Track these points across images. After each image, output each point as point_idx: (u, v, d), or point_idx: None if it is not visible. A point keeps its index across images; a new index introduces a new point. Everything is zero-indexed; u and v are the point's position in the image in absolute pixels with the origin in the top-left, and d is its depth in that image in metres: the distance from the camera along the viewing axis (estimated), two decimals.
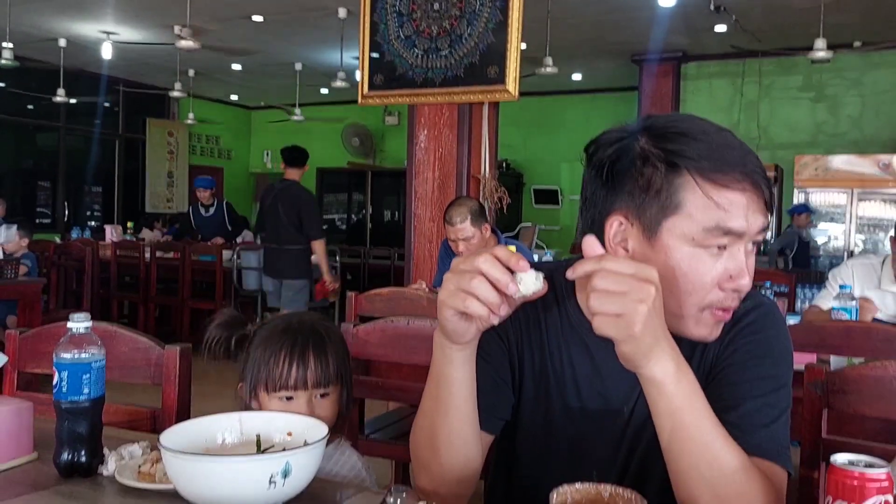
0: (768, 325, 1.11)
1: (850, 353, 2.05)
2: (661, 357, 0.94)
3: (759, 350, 1.08)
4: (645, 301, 0.89)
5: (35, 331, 1.67)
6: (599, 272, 0.90)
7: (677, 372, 0.95)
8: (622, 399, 1.14)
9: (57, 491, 1.17)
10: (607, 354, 1.10)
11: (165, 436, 1.10)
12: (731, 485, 0.96)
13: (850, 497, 0.83)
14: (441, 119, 4.82)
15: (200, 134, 12.81)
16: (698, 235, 1.01)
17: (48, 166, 11.20)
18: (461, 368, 1.05)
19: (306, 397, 1.43)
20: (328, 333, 1.48)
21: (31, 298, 4.91)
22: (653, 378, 0.95)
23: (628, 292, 0.89)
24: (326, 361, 1.44)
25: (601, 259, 0.91)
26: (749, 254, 1.04)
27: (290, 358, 1.42)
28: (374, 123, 12.15)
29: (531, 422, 1.20)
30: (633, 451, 1.15)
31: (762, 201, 1.03)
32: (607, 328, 0.90)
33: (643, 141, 1.05)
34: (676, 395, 0.95)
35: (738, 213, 1.01)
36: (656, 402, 0.97)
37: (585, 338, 1.15)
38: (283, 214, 5.62)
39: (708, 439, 0.96)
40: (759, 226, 1.03)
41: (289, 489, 1.06)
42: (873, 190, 8.19)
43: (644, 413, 1.08)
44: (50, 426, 1.26)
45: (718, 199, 1.00)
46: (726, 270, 1.03)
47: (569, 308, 1.17)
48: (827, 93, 8.88)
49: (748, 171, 1.01)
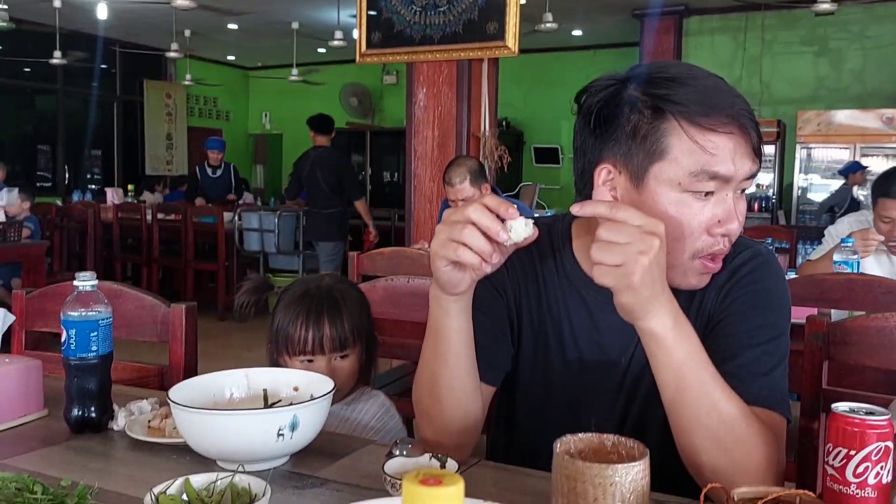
0: (766, 275, 1.11)
1: (851, 307, 2.06)
2: (659, 311, 0.95)
3: (756, 300, 1.09)
4: (647, 253, 0.89)
5: (41, 290, 1.69)
6: (606, 223, 0.90)
7: (675, 326, 0.96)
8: (620, 350, 1.16)
9: (69, 446, 1.19)
10: (604, 306, 1.11)
11: (174, 391, 1.11)
12: (731, 433, 0.98)
13: (851, 444, 0.84)
14: (440, 77, 4.78)
15: (198, 95, 12.72)
16: (685, 180, 1.01)
17: (47, 130, 11.14)
18: (457, 319, 1.06)
19: (325, 360, 1.49)
20: (343, 297, 1.53)
21: (35, 261, 4.93)
22: (651, 331, 0.96)
23: (631, 243, 0.89)
24: (342, 325, 1.49)
25: (612, 206, 0.91)
26: (738, 198, 1.04)
27: (307, 324, 1.48)
28: (373, 83, 12.05)
29: (530, 374, 1.22)
30: (632, 401, 1.17)
31: (750, 146, 1.02)
32: (606, 277, 0.91)
33: (631, 88, 1.04)
34: (675, 349, 0.96)
35: (725, 157, 1.00)
36: (655, 354, 0.98)
37: (581, 290, 1.16)
38: (321, 180, 5.88)
39: (707, 389, 0.98)
40: (747, 171, 1.02)
41: (297, 442, 1.08)
42: (876, 145, 8.14)
43: (642, 363, 1.09)
44: (59, 384, 1.27)
45: (704, 143, 1.00)
46: (714, 216, 1.03)
47: (564, 261, 1.18)
48: (830, 47, 8.79)
49: (735, 113, 1.00)
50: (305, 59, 11.17)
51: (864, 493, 0.84)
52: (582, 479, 0.82)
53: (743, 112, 1.01)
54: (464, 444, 1.16)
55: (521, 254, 1.12)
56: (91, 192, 9.50)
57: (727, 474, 0.96)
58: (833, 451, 0.86)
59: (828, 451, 0.87)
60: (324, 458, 1.16)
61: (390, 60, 4.88)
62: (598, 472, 0.82)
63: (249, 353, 5.54)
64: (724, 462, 0.98)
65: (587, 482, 0.82)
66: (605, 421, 1.16)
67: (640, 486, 0.83)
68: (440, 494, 0.43)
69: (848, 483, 0.84)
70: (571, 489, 0.83)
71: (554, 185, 10.12)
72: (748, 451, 0.98)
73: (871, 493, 0.84)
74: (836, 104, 8.54)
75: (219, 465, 1.08)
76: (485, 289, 1.14)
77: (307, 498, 1.02)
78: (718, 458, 0.98)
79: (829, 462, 0.86)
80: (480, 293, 1.09)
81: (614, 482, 0.82)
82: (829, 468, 0.86)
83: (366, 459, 1.16)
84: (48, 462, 1.12)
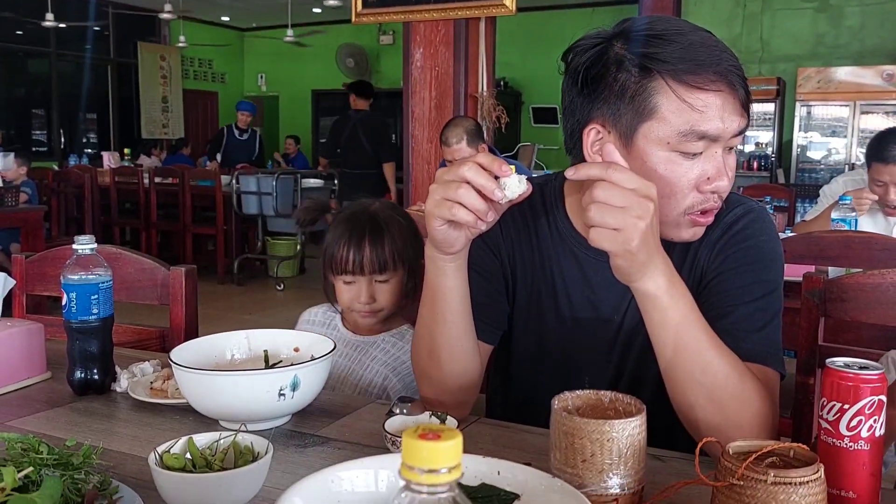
0: (758, 231, 1.12)
1: (849, 264, 2.07)
2: (653, 272, 0.95)
3: (749, 256, 1.09)
4: (644, 218, 0.89)
5: (41, 254, 1.69)
6: (601, 184, 0.89)
7: (670, 286, 0.96)
8: (613, 307, 1.17)
9: (73, 408, 1.21)
10: (597, 265, 1.13)
11: (176, 353, 1.12)
12: (726, 389, 0.99)
13: (845, 398, 0.85)
14: (437, 36, 4.74)
15: (193, 58, 12.60)
16: (673, 140, 1.01)
17: (41, 94, 11.06)
18: (453, 278, 1.07)
19: (366, 282, 1.53)
20: (388, 222, 1.55)
21: (34, 226, 4.93)
22: (646, 292, 0.96)
23: (628, 207, 0.89)
24: (382, 249, 1.52)
25: (607, 167, 0.90)
26: (727, 154, 1.04)
27: (349, 244, 1.52)
28: (369, 43, 11.94)
29: (525, 331, 1.23)
30: (626, 357, 1.18)
31: (738, 102, 1.01)
32: (603, 241, 0.91)
33: (618, 46, 1.04)
34: (670, 308, 0.97)
35: (713, 115, 1.00)
36: (650, 314, 0.98)
37: (574, 248, 1.17)
38: (365, 142, 5.98)
39: (702, 347, 0.98)
40: (736, 127, 1.02)
41: (298, 401, 1.09)
42: (876, 102, 8.10)
43: (635, 320, 1.11)
44: (62, 347, 1.29)
45: (692, 101, 0.99)
46: (703, 172, 1.02)
47: (557, 219, 1.18)
48: (830, 2, 8.69)
49: (722, 70, 0.99)
50: (301, 19, 11.05)
51: (858, 446, 0.85)
52: (580, 434, 0.84)
53: (731, 68, 1.00)
54: (463, 401, 1.17)
55: (515, 212, 1.12)
56: (87, 157, 9.46)
57: (722, 429, 0.97)
58: (827, 405, 0.87)
59: (822, 406, 0.88)
60: (325, 417, 1.17)
61: (386, 20, 4.83)
62: (595, 427, 0.83)
63: (249, 316, 5.57)
64: (719, 418, 0.99)
65: (584, 437, 0.84)
66: (599, 377, 1.18)
67: (636, 441, 0.84)
68: (439, 448, 0.44)
69: (841, 436, 0.85)
70: (569, 445, 0.84)
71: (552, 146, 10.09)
72: (742, 406, 0.99)
73: (864, 445, 0.85)
74: (836, 61, 8.48)
75: (221, 425, 1.09)
76: (479, 248, 1.15)
77: (309, 456, 1.03)
78: (714, 415, 0.99)
79: (823, 416, 0.87)
80: (475, 252, 1.10)
81: (611, 437, 0.83)
82: (823, 422, 0.87)
83: (366, 418, 1.17)
84: (53, 423, 1.14)
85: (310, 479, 0.72)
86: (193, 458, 0.87)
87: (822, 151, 8.49)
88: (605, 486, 0.84)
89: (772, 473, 0.75)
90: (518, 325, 1.23)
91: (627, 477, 0.84)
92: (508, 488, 0.76)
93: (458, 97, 4.74)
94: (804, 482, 0.75)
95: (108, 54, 11.65)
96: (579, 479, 0.84)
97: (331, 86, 11.80)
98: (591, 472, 0.84)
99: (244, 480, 0.84)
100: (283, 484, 0.72)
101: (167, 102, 12.09)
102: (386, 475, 0.74)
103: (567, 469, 0.85)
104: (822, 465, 0.78)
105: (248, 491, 0.85)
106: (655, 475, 0.96)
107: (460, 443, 0.46)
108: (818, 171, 8.39)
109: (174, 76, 12.17)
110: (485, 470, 0.77)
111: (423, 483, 0.45)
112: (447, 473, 0.45)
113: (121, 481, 0.85)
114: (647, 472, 0.88)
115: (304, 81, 12.76)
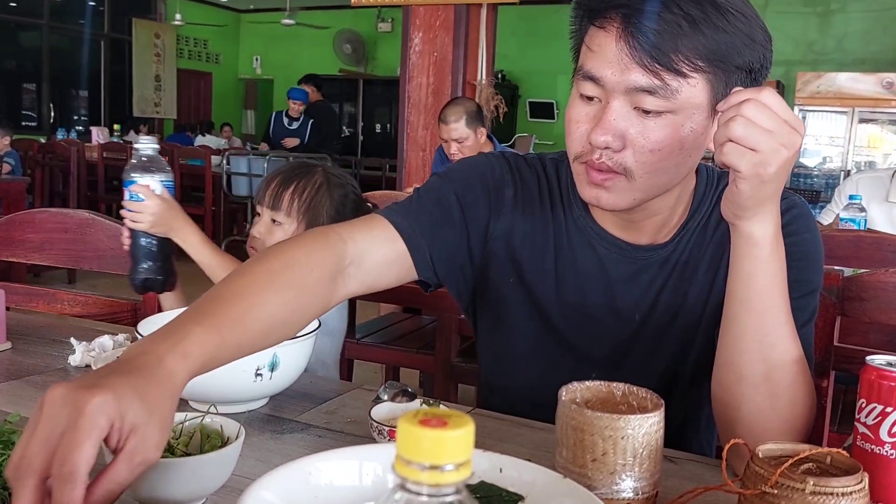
0: (802, 228, 1.03)
1: (859, 265, 1.98)
2: (766, 217, 0.87)
3: (794, 253, 0.99)
4: (788, 148, 0.81)
5: (7, 218, 1.58)
6: (752, 102, 0.81)
7: (775, 239, 0.89)
8: (633, 304, 1.08)
9: (30, 381, 1.11)
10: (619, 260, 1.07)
11: (144, 325, 1.03)
12: (785, 373, 0.91)
13: (888, 400, 0.76)
14: (437, 21, 4.64)
15: (188, 37, 12.43)
16: (576, 79, 0.95)
17: (32, 67, 10.87)
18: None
19: (267, 216, 1.59)
20: (312, 176, 1.61)
21: (15, 197, 4.80)
22: (751, 235, 0.88)
23: (776, 132, 0.81)
24: (286, 189, 1.58)
25: (761, 90, 0.82)
26: (634, 113, 0.90)
27: (269, 180, 1.61)
28: (367, 30, 11.81)
29: (528, 319, 1.13)
30: (641, 356, 1.09)
31: (641, 53, 0.87)
32: (738, 158, 0.82)
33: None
34: (766, 262, 0.89)
35: (602, 60, 0.90)
36: (741, 264, 0.90)
37: (593, 241, 1.08)
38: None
39: (780, 319, 0.90)
40: (629, 80, 0.88)
41: (276, 383, 1.00)
42: (874, 109, 8.03)
43: (662, 321, 1.06)
44: (26, 317, 1.20)
45: (589, 42, 0.93)
46: (593, 120, 0.93)
47: (574, 211, 1.10)
48: (833, 8, 8.64)
49: (629, 12, 0.88)
50: (299, 2, 10.90)
51: None
52: (590, 430, 0.74)
53: (641, 11, 0.88)
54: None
55: (534, 194, 1.09)
56: (77, 132, 9.30)
57: (766, 418, 0.90)
58: (866, 407, 0.78)
59: (859, 408, 0.79)
60: (306, 401, 1.08)
61: (386, 3, 4.72)
62: (608, 423, 0.74)
63: None
64: (767, 403, 0.91)
65: (596, 434, 0.74)
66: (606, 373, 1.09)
67: (653, 439, 0.75)
68: (445, 438, 0.34)
69: (882, 443, 0.76)
70: (578, 441, 0.75)
71: (548, 140, 10.01)
72: (795, 398, 0.92)
73: None
74: (837, 67, 8.42)
75: (191, 406, 1.00)
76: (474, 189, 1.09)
77: (286, 443, 0.94)
78: (764, 398, 0.91)
79: (861, 419, 0.78)
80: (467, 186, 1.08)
81: (626, 435, 0.74)
82: (861, 426, 0.78)
83: (351, 404, 1.08)
84: (6, 397, 1.04)
85: (284, 469, 0.62)
86: None
87: (818, 158, 8.43)
88: (617, 488, 0.75)
89: (811, 482, 0.66)
90: (521, 312, 1.13)
91: (642, 480, 0.75)
92: (512, 488, 0.66)
93: (456, 84, 4.64)
94: (847, 493, 0.66)
95: (101, 29, 11.47)
96: (588, 480, 0.74)
97: (327, 71, 11.66)
98: (602, 473, 0.75)
99: (210, 467, 0.74)
100: (256, 473, 0.63)
101: (160, 81, 11.92)
102: (372, 468, 0.65)
103: (574, 468, 0.76)
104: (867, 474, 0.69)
105: (215, 480, 0.75)
106: (668, 478, 0.87)
107: (472, 432, 0.36)
108: (813, 178, 8.33)
109: (168, 55, 11.99)
110: (485, 466, 0.68)
111: (423, 482, 0.35)
112: (454, 471, 0.35)
113: None
114: (663, 476, 0.78)
115: (300, 66, 12.57)
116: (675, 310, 1.06)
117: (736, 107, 0.81)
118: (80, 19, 11.12)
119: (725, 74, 0.90)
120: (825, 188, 7.68)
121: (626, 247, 1.06)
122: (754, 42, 0.91)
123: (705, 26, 0.87)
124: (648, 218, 1.04)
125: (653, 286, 1.06)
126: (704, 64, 0.88)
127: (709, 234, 1.05)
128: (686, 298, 1.05)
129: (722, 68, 0.89)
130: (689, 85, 0.88)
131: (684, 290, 1.06)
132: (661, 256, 1.06)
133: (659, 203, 1.02)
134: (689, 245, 1.06)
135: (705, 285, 1.05)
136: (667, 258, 1.06)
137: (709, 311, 1.04)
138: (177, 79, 12.13)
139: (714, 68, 0.89)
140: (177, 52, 12.21)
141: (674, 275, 1.06)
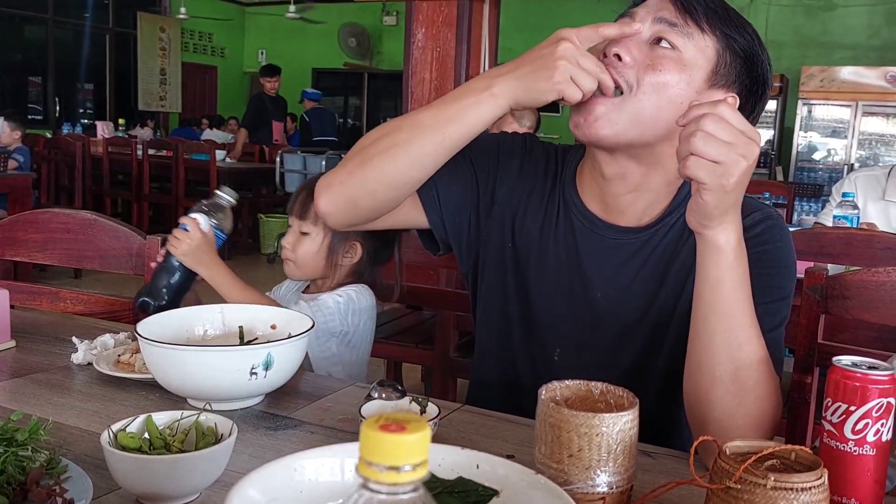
0: (776, 238, 1.09)
1: (850, 262, 2.01)
2: (729, 225, 0.92)
3: (765, 261, 1.06)
4: (747, 158, 0.87)
5: (11, 218, 1.62)
6: (711, 116, 0.86)
7: (738, 246, 0.94)
8: (597, 284, 1.14)
9: (34, 379, 1.15)
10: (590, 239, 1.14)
11: (143, 325, 1.06)
12: (752, 373, 0.95)
13: (851, 399, 0.80)
14: (440, 17, 4.65)
15: (193, 30, 12.45)
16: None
17: (38, 61, 10.91)
18: (476, 115, 1.04)
19: (296, 226, 1.63)
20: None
21: (22, 192, 4.84)
22: (715, 242, 0.93)
23: (735, 144, 0.86)
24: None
25: (717, 104, 0.87)
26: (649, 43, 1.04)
27: (299, 191, 1.64)
28: (372, 23, 11.81)
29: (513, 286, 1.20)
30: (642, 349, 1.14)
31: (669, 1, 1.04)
32: (700, 171, 0.87)
33: None
34: (730, 269, 0.93)
35: (643, 5, 1.06)
36: (708, 271, 0.94)
37: (572, 214, 1.16)
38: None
39: (745, 321, 0.95)
40: (661, 10, 1.04)
41: (271, 381, 1.04)
42: (878, 103, 8.02)
43: (616, 299, 1.12)
44: (30, 315, 1.23)
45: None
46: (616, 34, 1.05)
47: (567, 188, 1.18)
48: (837, 1, 8.61)
49: None
50: None
51: (863, 451, 0.80)
52: (567, 427, 0.78)
53: None
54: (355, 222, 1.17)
55: (539, 166, 1.20)
56: (82, 126, 9.34)
57: (734, 416, 0.94)
58: (832, 405, 0.81)
59: (826, 406, 0.82)
60: (300, 399, 1.11)
61: None
62: (583, 420, 0.78)
63: None
64: (735, 402, 0.95)
65: (572, 431, 0.78)
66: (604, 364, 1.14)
67: (627, 436, 0.79)
68: (402, 442, 0.38)
69: (846, 440, 0.80)
70: (555, 438, 0.79)
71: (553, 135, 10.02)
72: (761, 396, 0.96)
73: (870, 450, 0.79)
74: (841, 60, 8.40)
75: (190, 404, 1.04)
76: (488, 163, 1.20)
77: (279, 440, 0.97)
78: (733, 396, 0.95)
79: (827, 417, 0.82)
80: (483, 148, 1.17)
81: (601, 432, 0.77)
82: (827, 424, 0.82)
83: (344, 402, 1.12)
84: (9, 395, 1.08)
85: (270, 466, 0.66)
86: (151, 438, 0.81)
87: (822, 152, 8.42)
88: (592, 483, 0.78)
89: (772, 477, 0.70)
90: (510, 278, 1.20)
91: (616, 475, 0.79)
92: (488, 483, 0.70)
93: (459, 80, 4.66)
94: (806, 488, 0.70)
95: (106, 23, 11.50)
96: (565, 476, 0.78)
97: (332, 64, 11.67)
98: (578, 469, 0.78)
99: (204, 464, 0.78)
100: (249, 468, 0.66)
101: (165, 75, 11.95)
102: (353, 464, 0.68)
103: (552, 464, 0.79)
104: (826, 470, 0.72)
105: (208, 475, 0.79)
106: (645, 473, 0.90)
107: (428, 436, 0.39)
108: (817, 171, 8.33)
109: (173, 48, 12.02)
110: (463, 463, 0.71)
111: (382, 482, 0.39)
112: (411, 471, 0.39)
113: (74, 460, 0.79)
114: (637, 470, 0.82)
115: (305, 59, 12.62)
116: (648, 302, 1.12)
117: (695, 121, 0.87)
118: (85, 13, 11.14)
119: (731, 56, 1.05)
120: (829, 182, 7.68)
121: (600, 223, 1.14)
122: (760, 54, 1.08)
123: (731, 12, 1.07)
124: (629, 192, 1.11)
125: (624, 270, 1.12)
126: (719, 32, 1.05)
127: (686, 233, 1.09)
128: (659, 292, 1.11)
129: (731, 49, 1.06)
130: (702, 39, 1.04)
131: (658, 284, 1.11)
132: (637, 242, 1.12)
133: (638, 175, 1.09)
134: (666, 238, 1.12)
135: (678, 284, 1.10)
136: (643, 245, 1.12)
137: (680, 310, 1.09)
138: (182, 72, 12.16)
139: (726, 41, 1.05)
140: (182, 46, 12.23)
141: (648, 265, 1.12)
